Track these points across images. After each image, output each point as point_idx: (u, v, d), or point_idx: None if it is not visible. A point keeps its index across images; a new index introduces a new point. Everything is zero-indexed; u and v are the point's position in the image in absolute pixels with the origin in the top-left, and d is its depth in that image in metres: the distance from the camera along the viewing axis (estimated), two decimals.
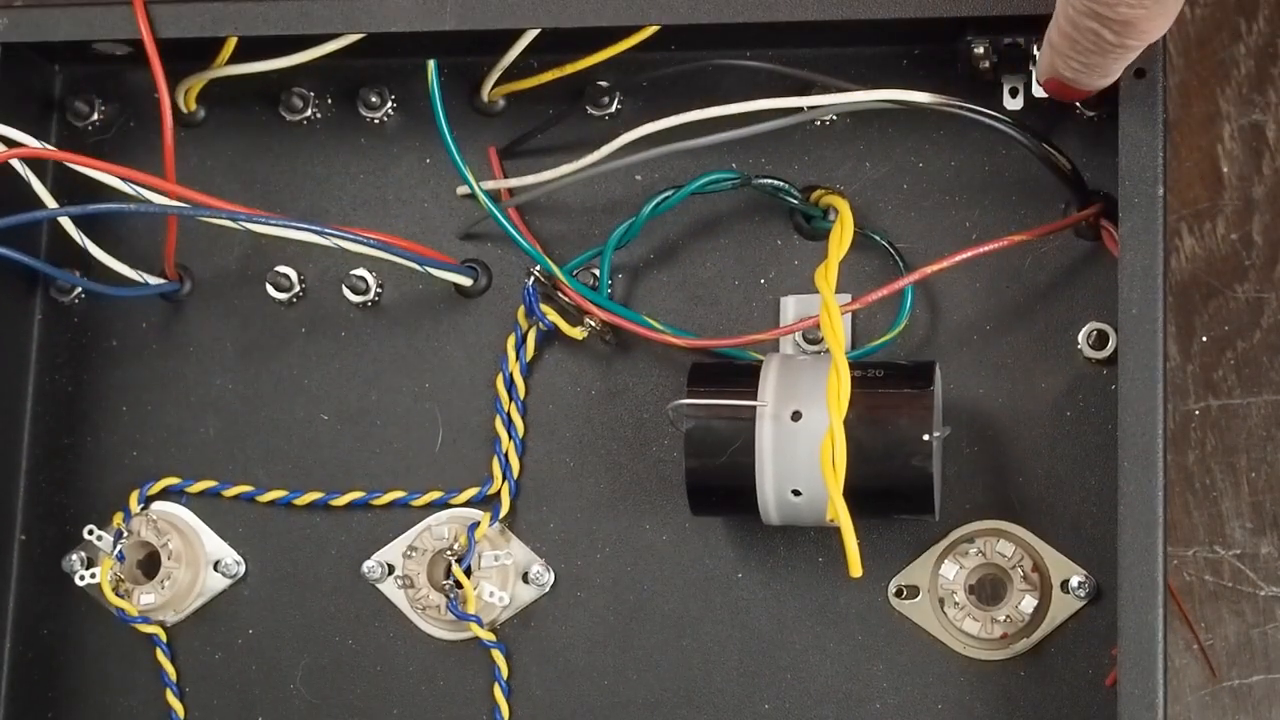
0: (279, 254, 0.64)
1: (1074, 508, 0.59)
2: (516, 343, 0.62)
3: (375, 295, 0.64)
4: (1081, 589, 0.59)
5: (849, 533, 0.53)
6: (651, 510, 0.62)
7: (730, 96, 0.57)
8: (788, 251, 0.62)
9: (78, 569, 0.64)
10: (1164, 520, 0.53)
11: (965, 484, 0.60)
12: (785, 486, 0.56)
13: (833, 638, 0.60)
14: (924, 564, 0.60)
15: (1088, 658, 0.59)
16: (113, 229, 0.65)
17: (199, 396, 0.64)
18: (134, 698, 0.64)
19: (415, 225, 0.64)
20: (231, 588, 0.64)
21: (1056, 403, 0.59)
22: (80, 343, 0.65)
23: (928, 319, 0.60)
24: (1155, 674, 0.52)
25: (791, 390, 0.56)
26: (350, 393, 0.64)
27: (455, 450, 0.63)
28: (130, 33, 0.60)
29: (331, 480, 0.64)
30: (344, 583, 0.63)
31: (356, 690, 0.63)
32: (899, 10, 0.56)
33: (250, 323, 0.64)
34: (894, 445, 0.55)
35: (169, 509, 0.64)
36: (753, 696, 0.61)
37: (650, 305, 0.62)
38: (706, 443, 0.56)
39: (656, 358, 0.62)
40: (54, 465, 0.65)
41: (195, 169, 0.65)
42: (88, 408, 0.65)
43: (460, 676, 0.63)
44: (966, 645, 0.60)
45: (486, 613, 0.61)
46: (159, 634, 0.64)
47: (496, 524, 0.62)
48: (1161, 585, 0.53)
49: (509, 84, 0.62)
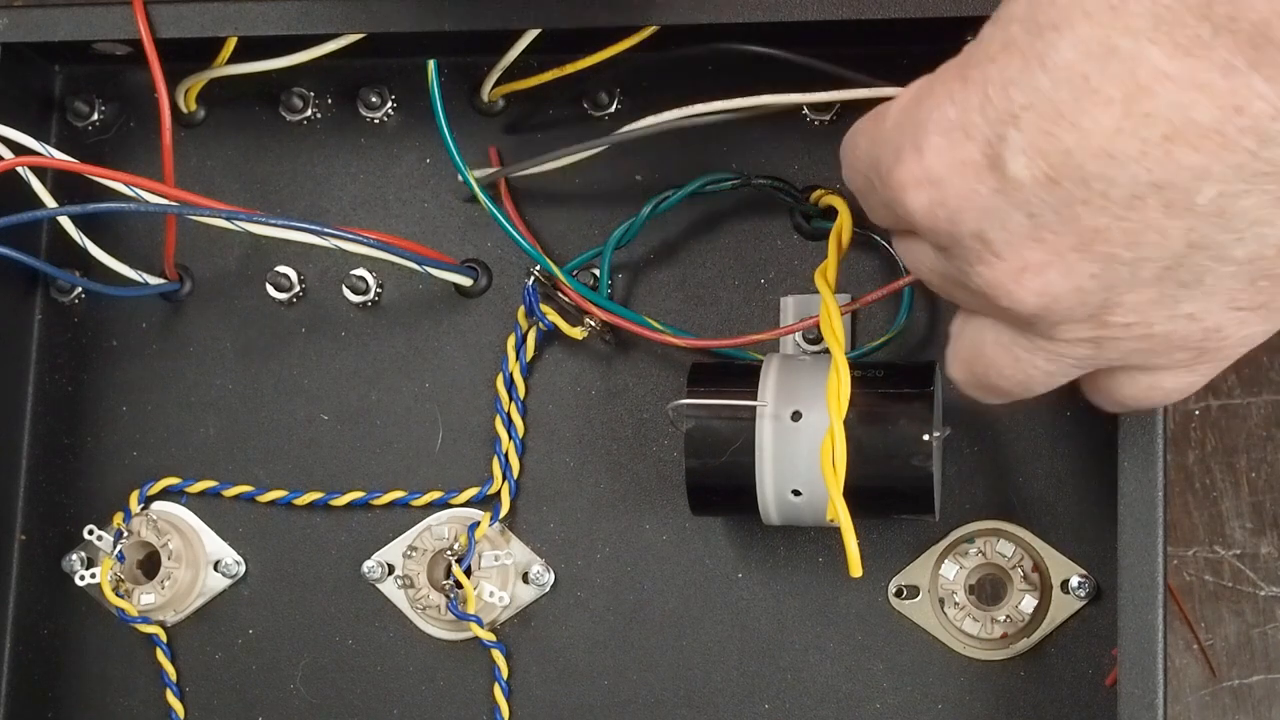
0: (279, 254, 0.64)
1: (1074, 508, 0.59)
2: (516, 343, 0.62)
3: (375, 295, 0.64)
4: (1081, 589, 0.59)
5: (849, 533, 0.53)
6: (651, 510, 0.62)
7: (730, 93, 0.57)
8: (788, 251, 0.62)
9: (78, 569, 0.64)
10: (1164, 520, 0.53)
11: (965, 484, 0.60)
12: (785, 486, 0.56)
13: (833, 638, 0.60)
14: (924, 564, 0.60)
15: (1088, 658, 0.59)
16: (113, 229, 0.65)
17: (199, 396, 0.64)
18: (134, 698, 0.64)
19: (415, 225, 0.64)
20: (231, 588, 0.64)
21: (1056, 403, 0.59)
22: (80, 343, 0.65)
23: (928, 319, 0.60)
24: (1155, 674, 0.52)
25: (791, 390, 0.56)
26: (350, 393, 0.64)
27: (455, 450, 0.63)
28: (130, 33, 0.60)
29: (331, 480, 0.64)
30: (344, 583, 0.63)
31: (356, 690, 0.63)
32: (899, 10, 0.56)
33: (250, 323, 0.64)
34: (894, 445, 0.55)
35: (169, 509, 0.64)
36: (753, 696, 0.61)
37: (650, 305, 0.62)
38: (706, 443, 0.56)
39: (656, 358, 0.62)
40: (54, 465, 0.65)
41: (195, 169, 0.65)
42: (88, 408, 0.65)
43: (460, 676, 0.63)
44: (966, 645, 0.60)
45: (486, 613, 0.61)
46: (159, 634, 0.64)
47: (496, 524, 0.62)
48: (1161, 585, 0.53)
49: (509, 84, 0.62)
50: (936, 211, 0.43)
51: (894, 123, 0.44)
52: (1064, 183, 0.40)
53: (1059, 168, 0.40)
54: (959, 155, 0.42)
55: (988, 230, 0.42)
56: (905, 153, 0.43)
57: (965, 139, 0.41)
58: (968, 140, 0.41)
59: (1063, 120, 0.40)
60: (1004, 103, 0.41)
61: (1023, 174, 0.41)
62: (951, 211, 0.42)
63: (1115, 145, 0.39)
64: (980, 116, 0.41)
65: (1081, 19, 0.39)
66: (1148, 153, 0.39)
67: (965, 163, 0.42)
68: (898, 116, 0.44)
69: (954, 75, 0.42)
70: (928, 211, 0.43)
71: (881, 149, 0.44)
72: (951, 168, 0.42)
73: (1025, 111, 0.40)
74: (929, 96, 0.43)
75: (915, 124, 0.43)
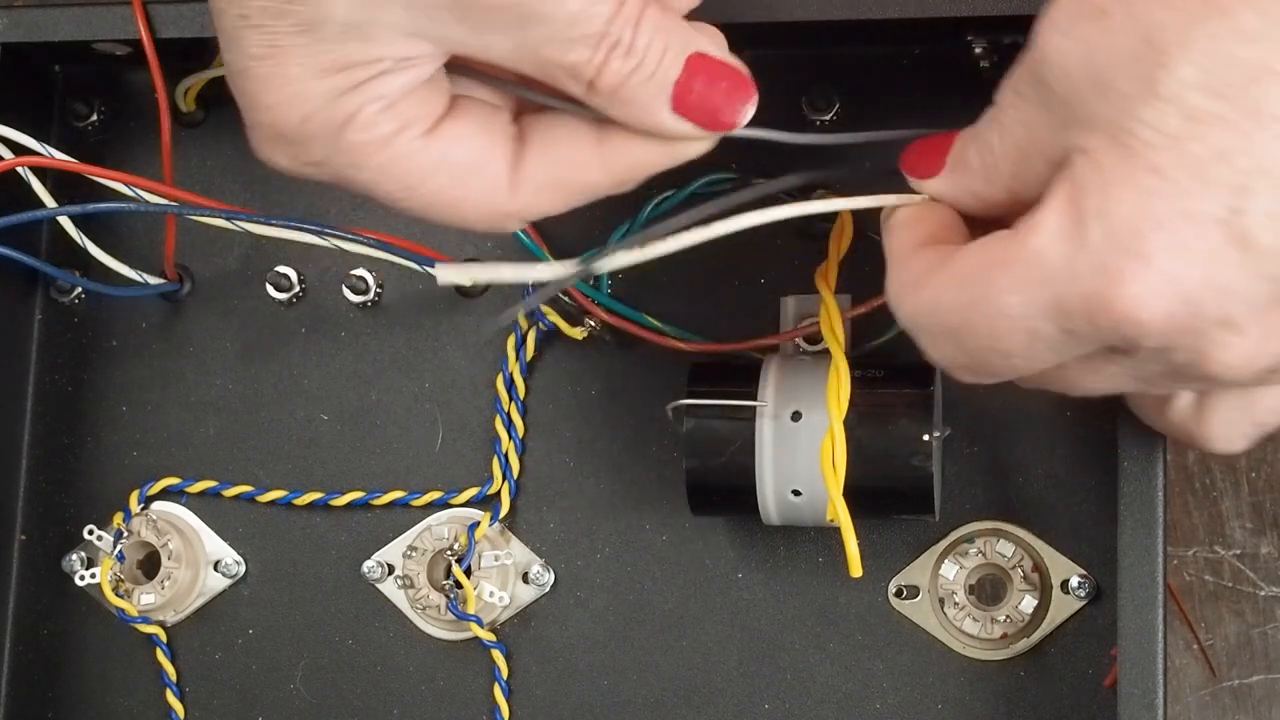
0: (279, 254, 0.64)
1: (1074, 508, 0.59)
2: (516, 343, 0.62)
3: (375, 295, 0.64)
4: (1081, 589, 0.59)
5: (849, 533, 0.53)
6: (651, 510, 0.62)
7: None
8: (788, 251, 0.62)
9: (78, 569, 0.64)
10: (1164, 520, 0.53)
11: (965, 484, 0.60)
12: (785, 486, 0.56)
13: (833, 638, 0.60)
14: (924, 564, 0.60)
15: (1088, 658, 0.59)
16: (113, 229, 0.65)
17: (199, 396, 0.64)
18: (134, 698, 0.64)
19: (415, 225, 0.63)
20: (231, 588, 0.64)
21: (1056, 403, 0.59)
22: (80, 343, 0.65)
23: None
24: (1155, 674, 0.52)
25: (791, 390, 0.56)
26: (350, 393, 0.64)
27: (455, 450, 0.63)
28: (130, 33, 0.60)
29: (331, 480, 0.64)
30: (344, 583, 0.63)
31: (356, 690, 0.63)
32: (899, 10, 0.56)
33: (250, 323, 0.64)
34: (894, 445, 0.55)
35: (169, 509, 0.64)
36: (753, 696, 0.61)
37: (650, 305, 0.62)
38: (706, 443, 0.56)
39: (656, 358, 0.62)
40: (54, 465, 0.65)
41: (195, 169, 0.65)
42: (88, 408, 0.65)
43: (460, 676, 0.63)
44: (966, 645, 0.60)
45: (486, 613, 0.61)
46: (159, 634, 0.64)
47: (496, 524, 0.62)
48: (1161, 585, 0.53)
49: None
50: (1178, 311, 0.39)
51: (1064, 256, 0.40)
52: None
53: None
54: (1193, 245, 0.39)
55: (1232, 311, 0.39)
56: (1123, 271, 0.39)
57: (1194, 226, 0.38)
58: (1196, 226, 0.38)
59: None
60: (1227, 174, 0.38)
61: (1269, 239, 0.38)
62: (1196, 306, 0.39)
63: None
64: (1202, 198, 0.38)
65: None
66: None
67: (1202, 250, 0.39)
68: (1065, 249, 0.40)
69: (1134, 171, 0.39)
70: (1170, 315, 0.39)
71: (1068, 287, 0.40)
72: (1189, 261, 0.39)
73: (1255, 176, 0.38)
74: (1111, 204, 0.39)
75: (1116, 239, 0.39)
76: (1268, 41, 0.38)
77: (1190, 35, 0.38)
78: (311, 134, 0.45)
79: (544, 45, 0.43)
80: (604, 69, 0.44)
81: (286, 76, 0.44)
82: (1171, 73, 0.38)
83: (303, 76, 0.44)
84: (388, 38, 0.43)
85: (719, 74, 0.46)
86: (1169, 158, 0.38)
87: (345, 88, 0.44)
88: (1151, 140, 0.39)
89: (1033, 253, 0.41)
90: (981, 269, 0.42)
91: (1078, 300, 0.40)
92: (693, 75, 0.45)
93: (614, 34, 0.43)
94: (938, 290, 0.44)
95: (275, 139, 0.45)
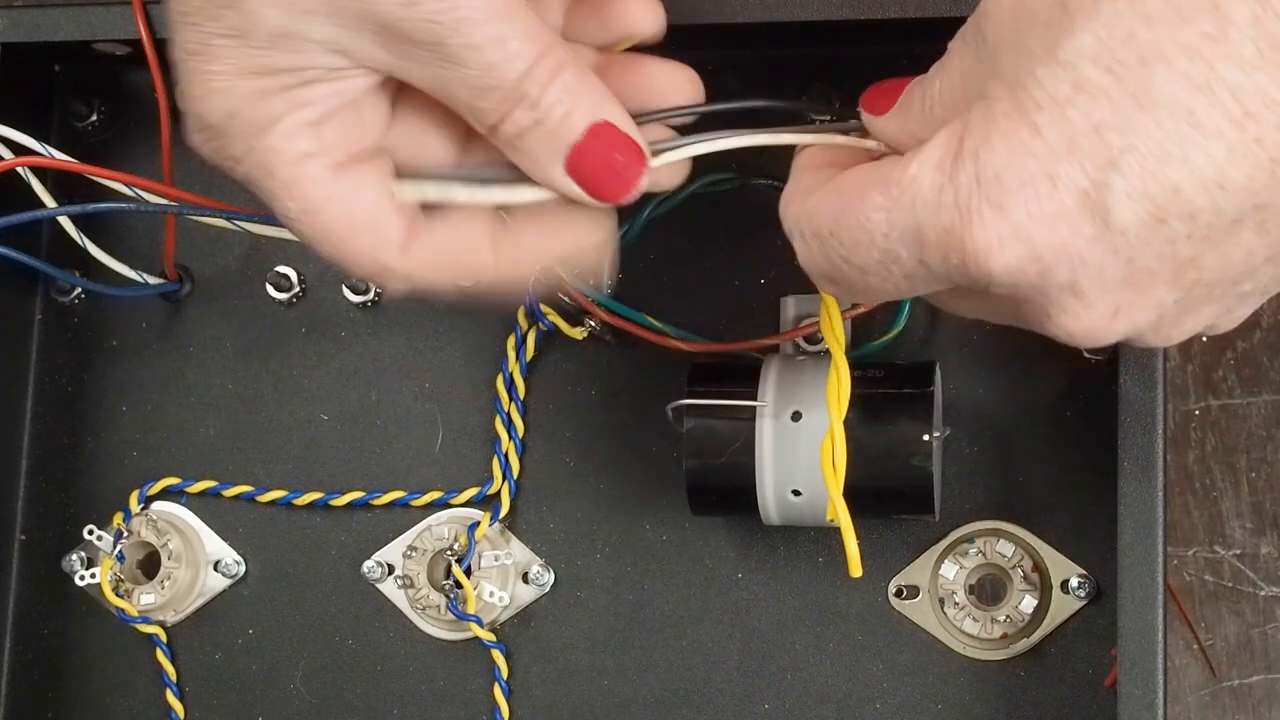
0: (279, 254, 0.64)
1: (1074, 508, 0.59)
2: (516, 343, 0.62)
3: (375, 295, 0.64)
4: (1081, 589, 0.59)
5: (849, 533, 0.53)
6: (651, 510, 0.62)
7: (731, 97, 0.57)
8: (788, 251, 0.61)
9: (78, 569, 0.64)
10: (1164, 520, 0.53)
11: (965, 484, 0.60)
12: (785, 486, 0.56)
13: (833, 638, 0.60)
14: (924, 564, 0.60)
15: (1088, 658, 0.59)
16: (113, 229, 0.65)
17: (199, 396, 0.64)
18: (134, 698, 0.64)
19: None
20: (231, 588, 0.64)
21: (1056, 403, 0.59)
22: (80, 343, 0.65)
23: (928, 319, 0.60)
24: (1155, 674, 0.52)
25: (791, 390, 0.56)
26: (350, 393, 0.64)
27: (455, 450, 0.63)
28: (130, 33, 0.60)
29: (331, 480, 0.64)
30: (344, 583, 0.63)
31: (356, 690, 0.63)
32: (899, 10, 0.56)
33: (250, 323, 0.64)
34: (894, 445, 0.55)
35: (169, 509, 0.64)
36: (753, 696, 0.61)
37: (650, 305, 0.62)
38: (706, 443, 0.56)
39: (656, 358, 0.62)
40: (54, 465, 0.65)
41: (195, 169, 0.64)
42: (88, 408, 0.65)
43: (460, 676, 0.63)
44: (966, 645, 0.60)
45: (486, 613, 0.61)
46: (159, 634, 0.64)
47: (496, 524, 0.62)
48: (1161, 585, 0.53)
49: None
50: (1026, 268, 0.40)
51: (934, 186, 0.41)
52: (1170, 221, 0.39)
53: (1165, 207, 0.39)
54: (1050, 207, 0.39)
55: (1081, 281, 0.40)
56: (980, 214, 0.40)
57: (1055, 190, 0.39)
58: (1057, 191, 0.39)
59: (1170, 158, 0.38)
60: (1099, 148, 0.39)
61: (1128, 219, 0.39)
62: (1045, 266, 0.40)
63: (1226, 175, 0.38)
64: (1070, 165, 0.39)
65: (1177, 53, 0.38)
66: (1255, 178, 0.38)
67: (1059, 214, 0.39)
68: (937, 179, 0.41)
69: (1016, 125, 0.40)
70: (1016, 269, 0.40)
71: (929, 216, 0.41)
72: (1044, 221, 0.40)
73: (1126, 154, 0.39)
74: (986, 151, 0.40)
75: (981, 183, 0.40)
76: (1165, 24, 0.38)
77: (1099, 7, 0.39)
78: (235, 130, 0.46)
79: (457, 85, 0.45)
80: (507, 118, 0.46)
81: (215, 72, 0.46)
82: (1073, 39, 0.39)
83: (231, 74, 0.45)
84: (314, 50, 0.45)
85: (618, 144, 0.47)
86: (1049, 119, 0.39)
87: (273, 89, 0.46)
88: (1039, 100, 0.40)
89: (908, 176, 0.42)
90: (860, 183, 0.43)
91: (935, 233, 0.41)
92: (593, 140, 0.47)
93: (523, 89, 0.45)
94: (819, 198, 0.45)
95: (201, 129, 0.47)
